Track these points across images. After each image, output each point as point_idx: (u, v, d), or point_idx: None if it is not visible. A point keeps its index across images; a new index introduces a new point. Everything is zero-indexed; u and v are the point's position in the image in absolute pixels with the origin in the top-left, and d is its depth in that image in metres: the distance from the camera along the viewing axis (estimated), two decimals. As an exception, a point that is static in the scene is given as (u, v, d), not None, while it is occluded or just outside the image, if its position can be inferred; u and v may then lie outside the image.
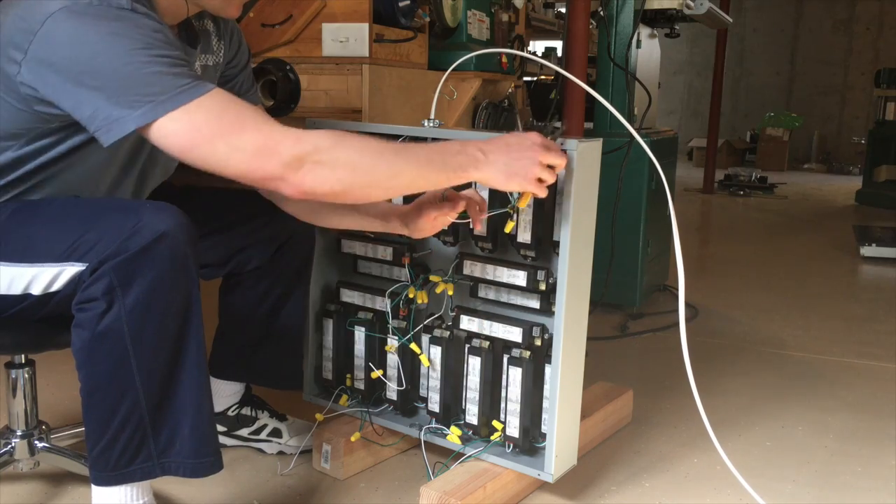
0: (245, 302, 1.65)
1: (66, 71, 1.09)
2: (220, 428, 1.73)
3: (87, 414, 1.18)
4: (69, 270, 1.15)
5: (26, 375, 1.51)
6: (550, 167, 1.27)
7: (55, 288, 1.17)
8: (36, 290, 1.18)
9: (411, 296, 1.62)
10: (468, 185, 1.39)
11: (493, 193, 1.48)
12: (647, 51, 3.03)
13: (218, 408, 1.73)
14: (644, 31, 2.94)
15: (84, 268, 1.13)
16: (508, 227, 1.44)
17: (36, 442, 1.53)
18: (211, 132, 1.09)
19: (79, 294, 1.13)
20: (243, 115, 1.12)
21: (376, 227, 1.50)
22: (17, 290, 1.18)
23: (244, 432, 1.74)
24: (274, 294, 1.65)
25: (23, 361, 1.51)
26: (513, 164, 1.24)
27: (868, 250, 4.13)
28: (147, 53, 1.09)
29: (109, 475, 1.18)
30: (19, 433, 1.52)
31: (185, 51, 1.32)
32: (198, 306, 1.18)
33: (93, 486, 1.22)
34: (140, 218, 1.12)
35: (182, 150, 1.11)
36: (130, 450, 1.18)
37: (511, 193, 1.40)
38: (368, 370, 1.69)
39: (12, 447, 1.52)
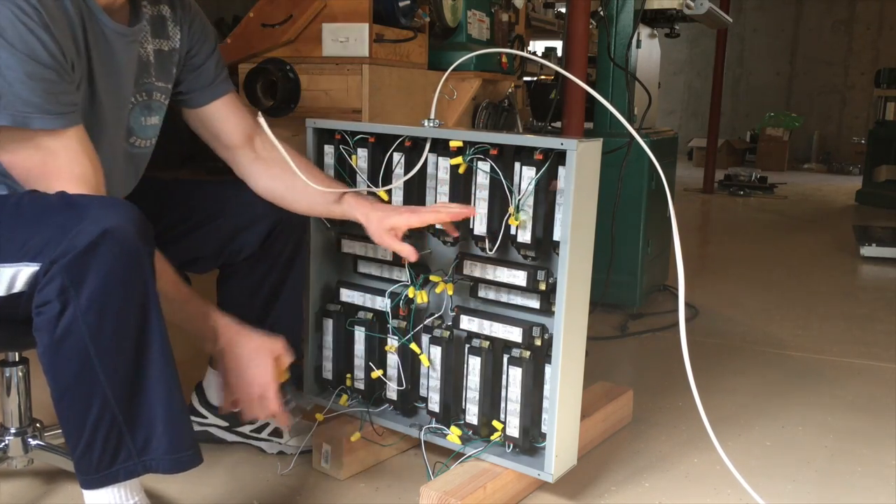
0: (241, 292, 1.64)
1: None
2: (221, 423, 1.73)
3: (61, 418, 1.17)
4: (25, 271, 1.13)
5: (20, 374, 1.51)
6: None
7: (18, 289, 1.14)
8: (0, 291, 1.15)
9: (411, 296, 1.62)
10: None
11: (494, 193, 1.49)
12: (647, 51, 3.03)
13: (220, 401, 1.73)
14: (644, 31, 2.94)
15: (38, 268, 1.11)
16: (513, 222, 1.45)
17: (29, 439, 1.54)
18: (38, 169, 1.18)
19: (35, 297, 1.11)
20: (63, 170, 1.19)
21: (335, 215, 1.55)
22: None
23: (246, 429, 1.74)
24: (269, 282, 1.64)
25: (16, 359, 1.52)
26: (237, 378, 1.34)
27: (868, 250, 4.13)
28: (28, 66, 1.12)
29: (94, 478, 1.18)
30: (13, 431, 1.53)
31: (108, 26, 1.29)
32: (156, 299, 1.16)
33: (83, 492, 1.22)
34: (86, 215, 1.11)
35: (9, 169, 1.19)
36: (110, 450, 1.17)
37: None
38: (368, 370, 1.70)
39: (6, 444, 1.53)
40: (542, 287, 1.46)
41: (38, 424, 1.56)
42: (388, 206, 1.51)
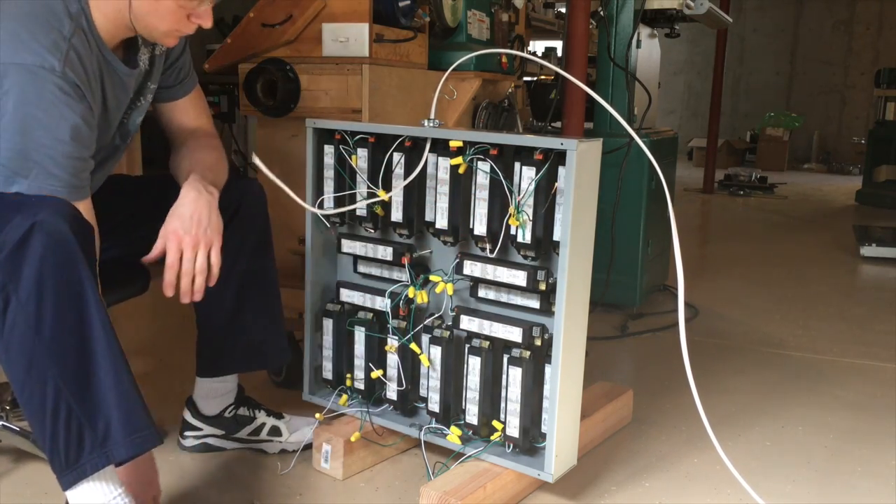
0: (217, 286, 1.62)
1: None
2: (218, 432, 1.73)
3: (26, 416, 1.19)
4: None
5: None
6: None
7: None
8: None
9: (411, 296, 1.62)
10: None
11: (494, 193, 1.49)
12: (647, 51, 3.03)
13: (213, 410, 1.73)
14: (644, 31, 2.94)
15: None
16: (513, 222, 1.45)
17: None
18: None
19: None
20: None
21: None
22: None
23: (243, 433, 1.74)
24: (237, 271, 1.60)
25: None
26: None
27: (868, 250, 4.13)
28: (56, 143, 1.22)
29: (67, 475, 1.19)
30: None
31: (119, 70, 1.40)
32: (92, 286, 1.18)
33: (65, 494, 1.22)
34: (17, 212, 1.16)
35: None
36: (73, 443, 1.18)
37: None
38: (368, 370, 1.70)
39: None
40: (542, 287, 1.46)
41: (7, 406, 1.62)
42: (173, 211, 1.42)
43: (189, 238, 1.36)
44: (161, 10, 1.33)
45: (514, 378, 1.50)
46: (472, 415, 1.56)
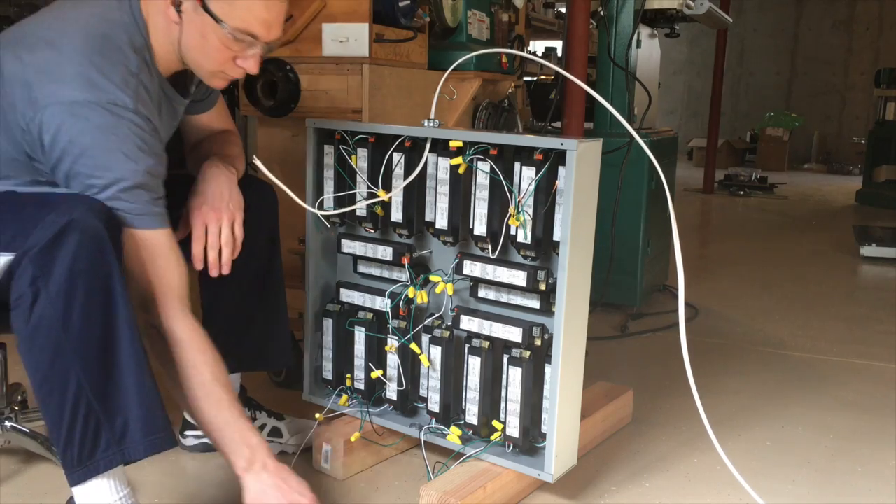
0: (225, 284, 1.62)
1: (60, 161, 1.22)
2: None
3: (42, 410, 1.19)
4: (2, 259, 1.19)
5: None
6: None
7: None
8: None
9: (411, 296, 1.62)
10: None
11: (494, 193, 1.49)
12: (647, 51, 3.03)
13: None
14: (644, 31, 2.94)
15: (12, 257, 1.17)
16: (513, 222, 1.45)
17: (6, 421, 1.60)
18: (135, 258, 1.28)
19: (12, 289, 1.16)
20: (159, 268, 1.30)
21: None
22: None
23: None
24: (247, 270, 1.62)
25: None
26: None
27: (868, 250, 4.13)
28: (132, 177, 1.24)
29: (78, 472, 1.20)
30: None
31: (174, 100, 1.44)
32: (122, 285, 1.19)
33: (73, 490, 1.22)
34: (53, 209, 1.16)
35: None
36: (89, 440, 1.19)
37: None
38: (368, 370, 1.69)
39: None
40: (542, 287, 1.46)
41: (16, 407, 1.62)
42: (196, 188, 1.48)
43: (213, 213, 1.43)
44: (207, 48, 1.32)
45: (514, 378, 1.50)
46: (472, 415, 1.56)
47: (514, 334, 1.50)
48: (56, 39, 1.24)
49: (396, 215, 1.61)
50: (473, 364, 1.54)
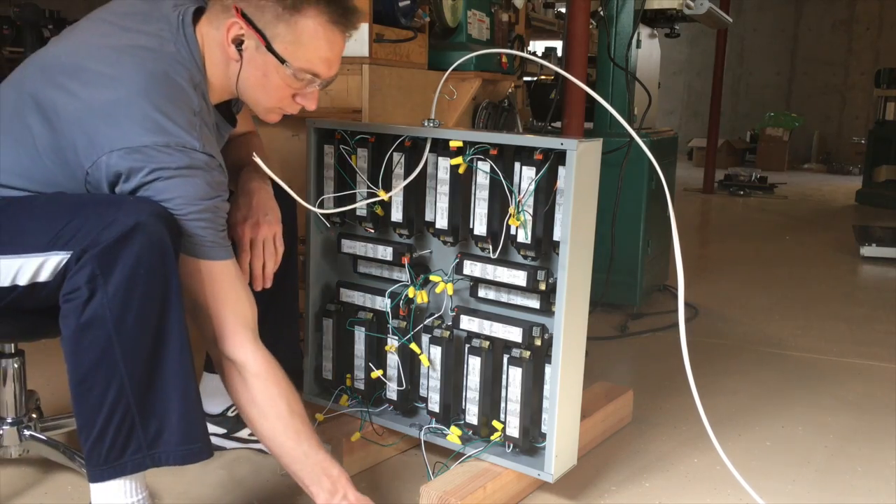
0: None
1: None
2: (219, 430, 1.73)
3: (76, 406, 1.19)
4: (53, 259, 1.17)
5: (16, 365, 1.56)
6: None
7: (42, 278, 1.18)
8: (22, 281, 1.19)
9: (411, 296, 1.62)
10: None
11: (494, 193, 1.49)
12: (647, 51, 3.03)
13: (217, 408, 1.73)
14: (644, 31, 2.94)
15: (68, 256, 1.15)
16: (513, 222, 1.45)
17: (24, 430, 1.58)
18: (208, 290, 1.28)
19: (65, 284, 1.15)
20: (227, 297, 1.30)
21: None
22: (4, 281, 1.20)
23: (244, 433, 1.74)
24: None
25: (13, 351, 1.56)
26: None
27: (868, 250, 4.13)
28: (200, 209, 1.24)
29: (102, 469, 1.19)
30: (9, 420, 1.57)
31: (223, 128, 1.46)
32: (177, 293, 1.19)
33: (91, 486, 1.22)
34: (119, 209, 1.16)
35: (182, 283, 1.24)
36: (120, 441, 1.18)
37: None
38: (368, 370, 1.70)
39: (1, 434, 1.57)
40: (542, 287, 1.46)
41: (34, 415, 1.61)
42: (238, 202, 1.49)
43: (258, 227, 1.45)
44: (268, 86, 1.32)
45: (514, 378, 1.50)
46: (472, 415, 1.56)
47: (514, 334, 1.50)
48: (116, 77, 1.21)
49: (396, 215, 1.61)
50: (473, 364, 1.54)
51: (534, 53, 6.19)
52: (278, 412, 1.30)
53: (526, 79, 4.52)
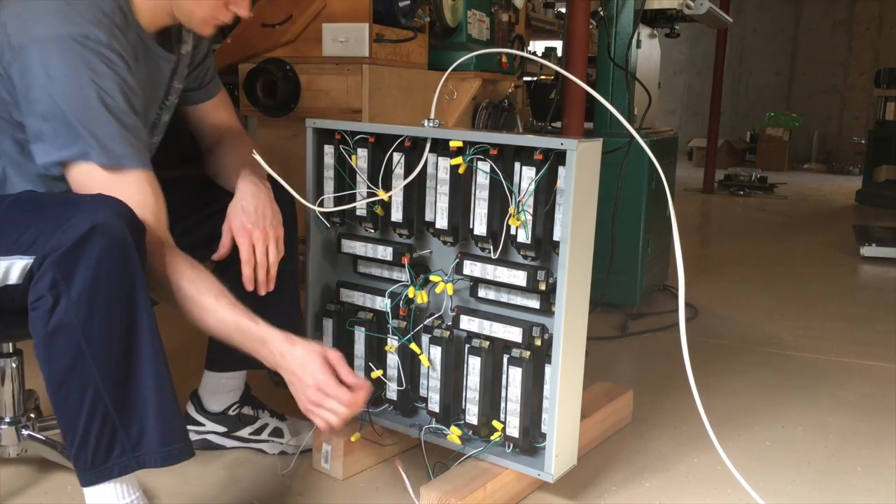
0: (238, 280, 1.63)
1: (27, 100, 1.21)
2: (220, 429, 1.73)
3: (57, 412, 1.18)
4: (18, 263, 1.16)
5: (14, 364, 1.57)
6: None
7: (12, 281, 1.18)
8: None
9: (411, 296, 1.62)
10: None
11: (494, 193, 1.49)
12: (647, 51, 3.03)
13: (218, 407, 1.73)
14: (644, 31, 2.94)
15: (31, 261, 1.15)
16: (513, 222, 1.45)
17: (22, 429, 1.59)
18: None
19: (30, 292, 1.14)
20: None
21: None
22: None
23: (245, 432, 1.74)
24: None
25: (10, 351, 1.57)
26: (297, 391, 1.30)
27: (868, 250, 4.13)
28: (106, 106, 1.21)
29: (90, 474, 1.19)
30: (7, 420, 1.58)
31: (157, 54, 1.41)
32: (144, 292, 1.18)
33: (83, 490, 1.22)
34: (76, 211, 1.14)
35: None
36: (104, 445, 1.18)
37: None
38: (368, 370, 1.69)
39: (0, 433, 1.58)
40: (542, 287, 1.46)
41: (31, 415, 1.61)
42: (237, 207, 1.47)
43: (259, 232, 1.43)
44: None
45: (514, 378, 1.50)
46: (472, 415, 1.56)
47: (514, 334, 1.50)
48: None
49: (396, 215, 1.61)
50: (473, 364, 1.54)
51: (534, 53, 6.19)
52: (216, 289, 1.30)
53: (526, 79, 4.52)
